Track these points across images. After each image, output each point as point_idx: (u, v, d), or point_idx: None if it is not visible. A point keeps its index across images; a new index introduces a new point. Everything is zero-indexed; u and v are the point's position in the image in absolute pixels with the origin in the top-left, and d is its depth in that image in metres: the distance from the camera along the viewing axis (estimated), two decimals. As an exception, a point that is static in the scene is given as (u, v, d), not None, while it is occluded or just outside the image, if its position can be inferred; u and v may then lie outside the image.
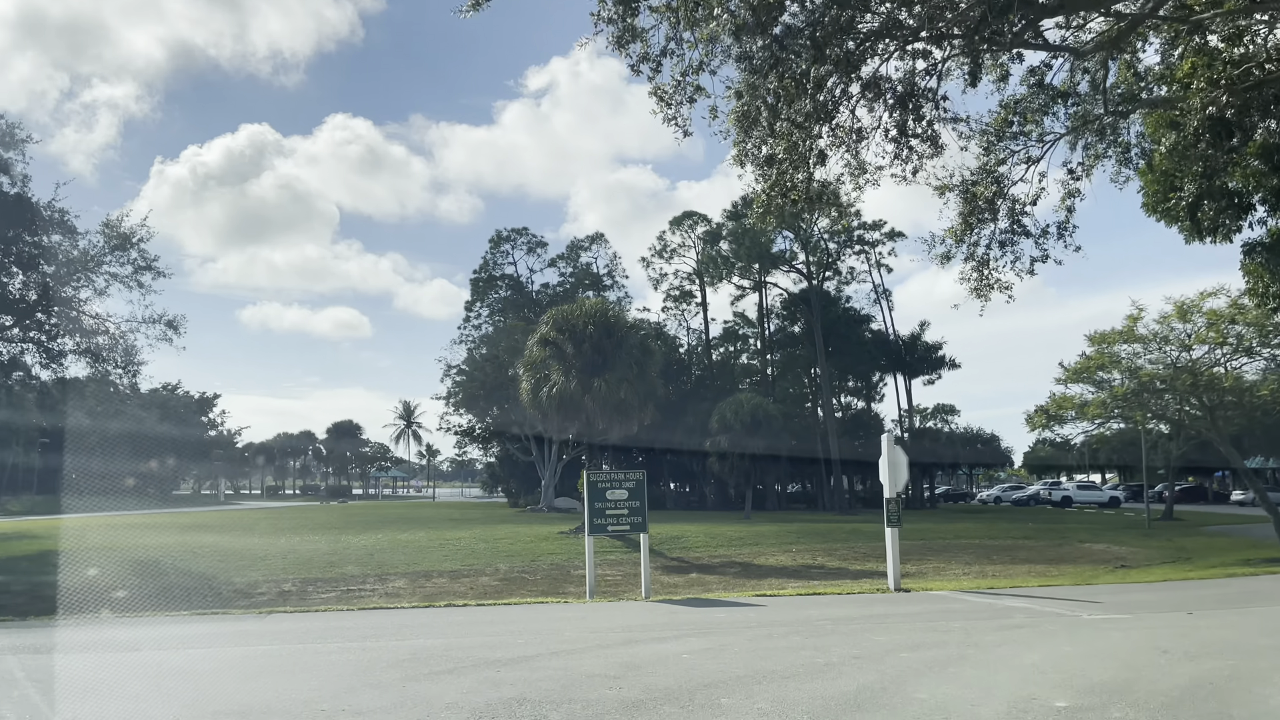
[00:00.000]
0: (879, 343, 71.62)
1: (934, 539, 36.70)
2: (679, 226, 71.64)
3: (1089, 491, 71.62)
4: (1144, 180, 16.60)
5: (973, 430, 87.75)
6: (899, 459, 17.85)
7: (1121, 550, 31.71)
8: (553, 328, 33.59)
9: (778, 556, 31.42)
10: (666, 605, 15.14)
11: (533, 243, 76.40)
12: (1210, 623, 12.45)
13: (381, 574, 26.27)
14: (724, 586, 23.43)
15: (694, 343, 77.35)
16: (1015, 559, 29.80)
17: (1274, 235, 15.00)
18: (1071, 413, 27.68)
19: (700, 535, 37.63)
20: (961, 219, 13.34)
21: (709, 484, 70.20)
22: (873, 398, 74.38)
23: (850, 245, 70.01)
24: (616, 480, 16.93)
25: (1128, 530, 40.41)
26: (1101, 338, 27.48)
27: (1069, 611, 13.67)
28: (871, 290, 73.75)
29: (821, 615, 13.46)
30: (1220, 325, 24.99)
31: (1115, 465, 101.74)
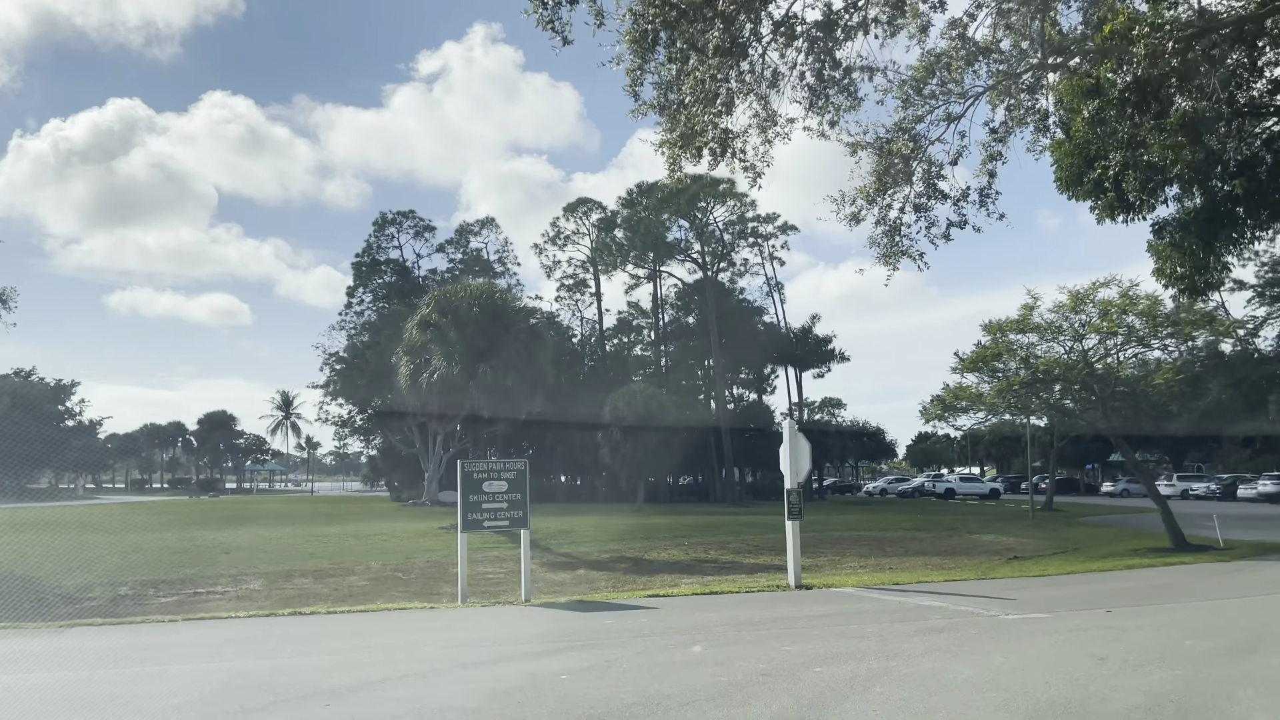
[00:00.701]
0: (771, 335, 71.40)
1: (826, 530, 36.04)
2: (573, 213, 69.84)
3: (971, 484, 73.06)
4: (1057, 155, 15.73)
5: (859, 423, 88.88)
6: (801, 447, 16.60)
7: (1010, 541, 31.52)
8: (435, 309, 31.41)
9: (670, 551, 30.08)
10: (548, 610, 13.45)
11: (420, 226, 73.45)
12: (1134, 623, 11.50)
13: (237, 574, 23.74)
14: (614, 585, 21.86)
15: (587, 332, 75.73)
16: (909, 551, 29.21)
17: (1189, 213, 14.26)
18: (966, 403, 27.20)
19: (590, 529, 36.07)
20: (875, 178, 12.07)
21: (601, 476, 68.75)
22: (764, 390, 74.24)
23: (745, 237, 69.47)
24: (495, 471, 15.14)
25: (1013, 521, 40.65)
26: (997, 326, 27.02)
27: (984, 610, 12.59)
28: (765, 283, 73.54)
29: (721, 619, 12.00)
30: (1112, 315, 24.75)
31: (993, 458, 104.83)
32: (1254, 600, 13.79)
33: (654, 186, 63.33)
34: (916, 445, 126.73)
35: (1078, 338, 25.69)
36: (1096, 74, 13.44)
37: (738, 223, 65.84)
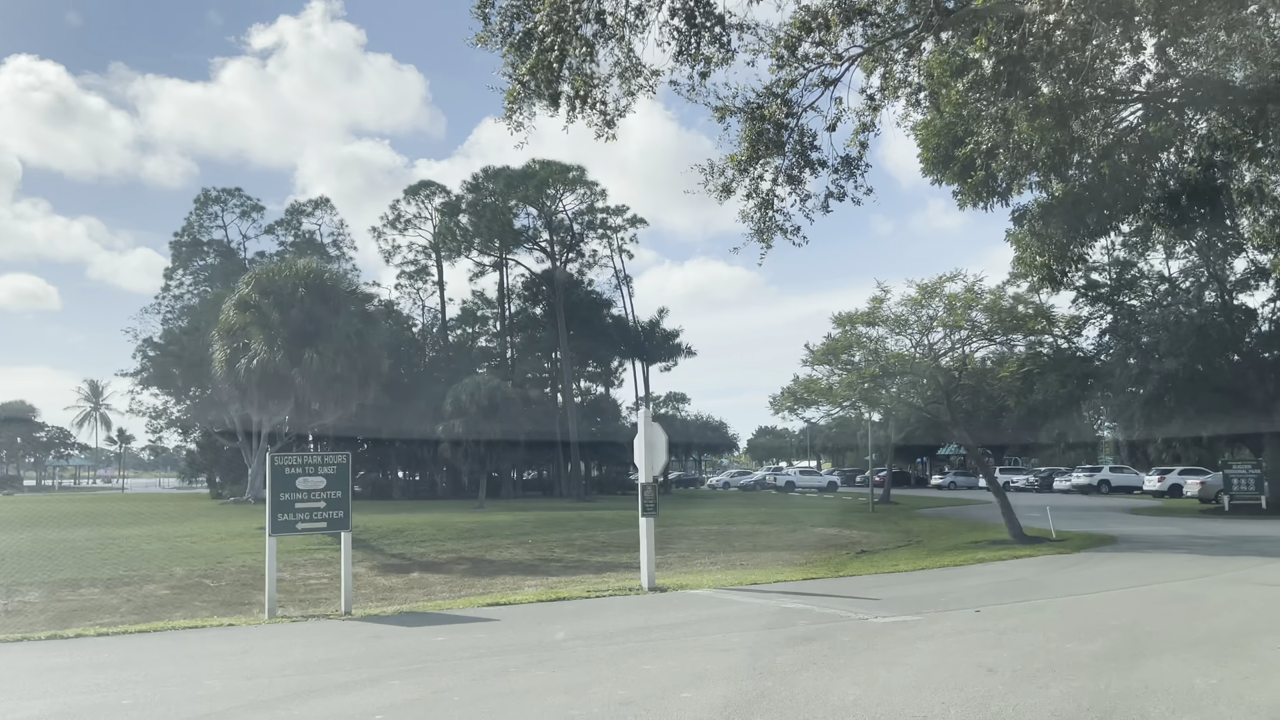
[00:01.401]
0: (619, 328, 70.58)
1: (674, 525, 35.26)
2: (415, 196, 66.74)
3: (810, 477, 74.61)
4: (924, 134, 15.13)
5: (703, 418, 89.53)
6: (657, 438, 15.42)
7: (855, 535, 31.58)
8: (255, 289, 28.54)
9: (512, 550, 28.46)
10: (371, 625, 11.68)
11: (247, 206, 68.58)
12: (1007, 623, 10.85)
13: (12, 584, 20.58)
14: (450, 589, 20.11)
15: (429, 322, 72.77)
16: (757, 545, 28.70)
17: (1054, 197, 13.88)
18: (817, 395, 26.88)
19: (427, 527, 33.96)
20: (748, 144, 10.96)
21: (441, 472, 66.09)
22: (612, 383, 73.42)
23: (594, 228, 68.29)
24: (312, 465, 13.19)
25: (853, 514, 41.15)
26: (847, 319, 26.79)
27: (852, 613, 11.71)
28: (613, 275, 72.62)
29: (570, 632, 10.60)
30: (958, 309, 24.84)
31: (829, 452, 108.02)
32: (1111, 596, 13.52)
33: (501, 171, 61.25)
34: (757, 439, 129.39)
35: (925, 331, 25.70)
36: (964, 52, 12.83)
37: (587, 213, 64.61)
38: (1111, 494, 57.64)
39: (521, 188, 58.99)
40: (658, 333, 72.24)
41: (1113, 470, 60.93)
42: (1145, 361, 34.09)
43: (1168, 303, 35.37)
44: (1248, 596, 13.10)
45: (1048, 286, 15.59)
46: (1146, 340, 34.17)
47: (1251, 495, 35.93)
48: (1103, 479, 58.93)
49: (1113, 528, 29.35)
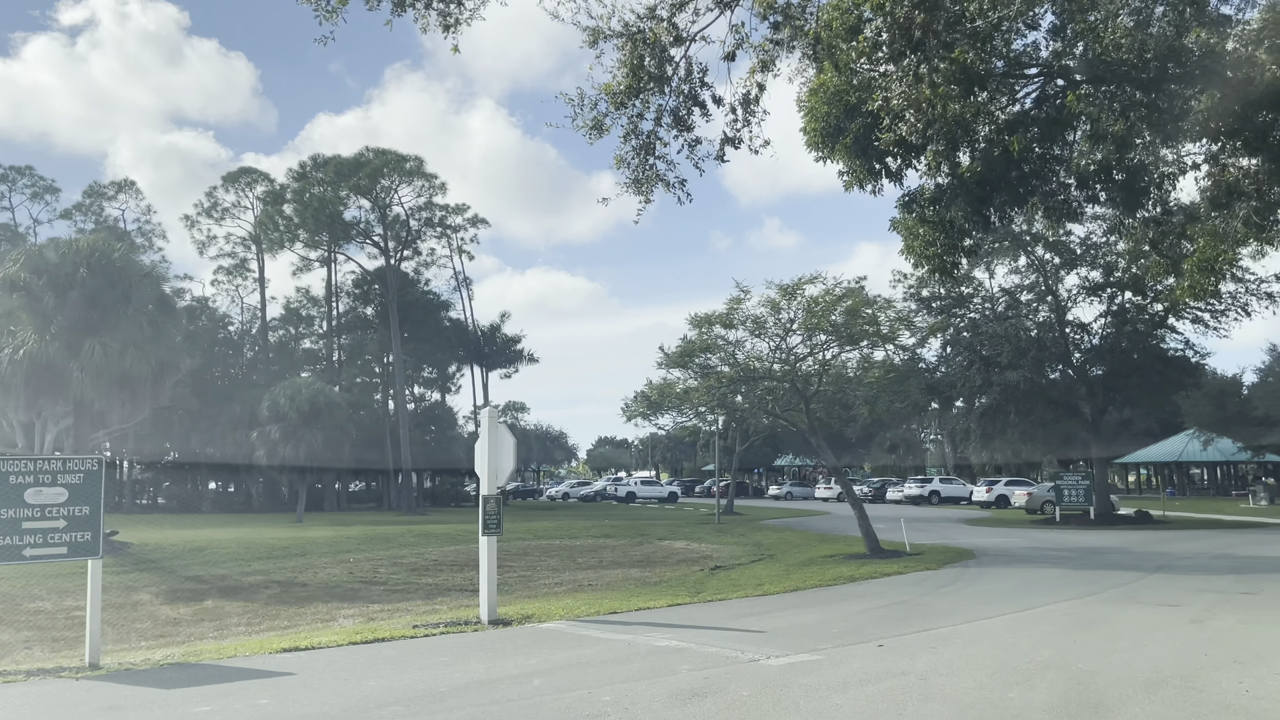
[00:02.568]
0: (458, 332, 67.17)
1: (513, 539, 32.69)
2: (235, 183, 61.19)
3: (651, 487, 73.27)
4: (812, 101, 13.39)
5: (543, 427, 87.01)
6: (504, 441, 13.00)
7: (704, 548, 29.97)
8: (24, 267, 24.01)
9: (331, 570, 25.15)
10: (114, 686, 8.71)
11: (40, 186, 61.22)
12: (921, 663, 9.08)
13: None
14: (249, 621, 16.90)
15: (248, 320, 67.05)
16: (603, 561, 26.56)
17: (959, 174, 12.36)
18: (672, 400, 25.09)
19: (233, 545, 30.05)
20: (629, 73, 8.81)
21: (257, 483, 60.73)
22: (448, 389, 69.80)
23: (432, 225, 64.62)
24: (47, 473, 10.03)
25: (700, 526, 39.73)
26: (704, 320, 25.13)
27: (740, 653, 9.67)
28: (453, 276, 69.17)
29: (387, 691, 8.05)
30: (817, 311, 23.60)
31: (667, 462, 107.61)
32: (1011, 621, 12.09)
33: (331, 160, 56.78)
34: (597, 450, 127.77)
35: (784, 334, 24.33)
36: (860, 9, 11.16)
37: (425, 209, 60.91)
38: (941, 504, 58.93)
39: (353, 177, 54.82)
40: (498, 338, 69.27)
41: (942, 481, 62.48)
42: (988, 373, 34.27)
43: (1011, 316, 35.82)
44: (1154, 621, 11.94)
45: (939, 277, 14.17)
46: (988, 352, 34.38)
47: (1080, 506, 36.73)
48: (933, 489, 60.25)
49: (960, 539, 28.93)
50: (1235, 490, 66.58)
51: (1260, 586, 15.48)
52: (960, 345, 36.31)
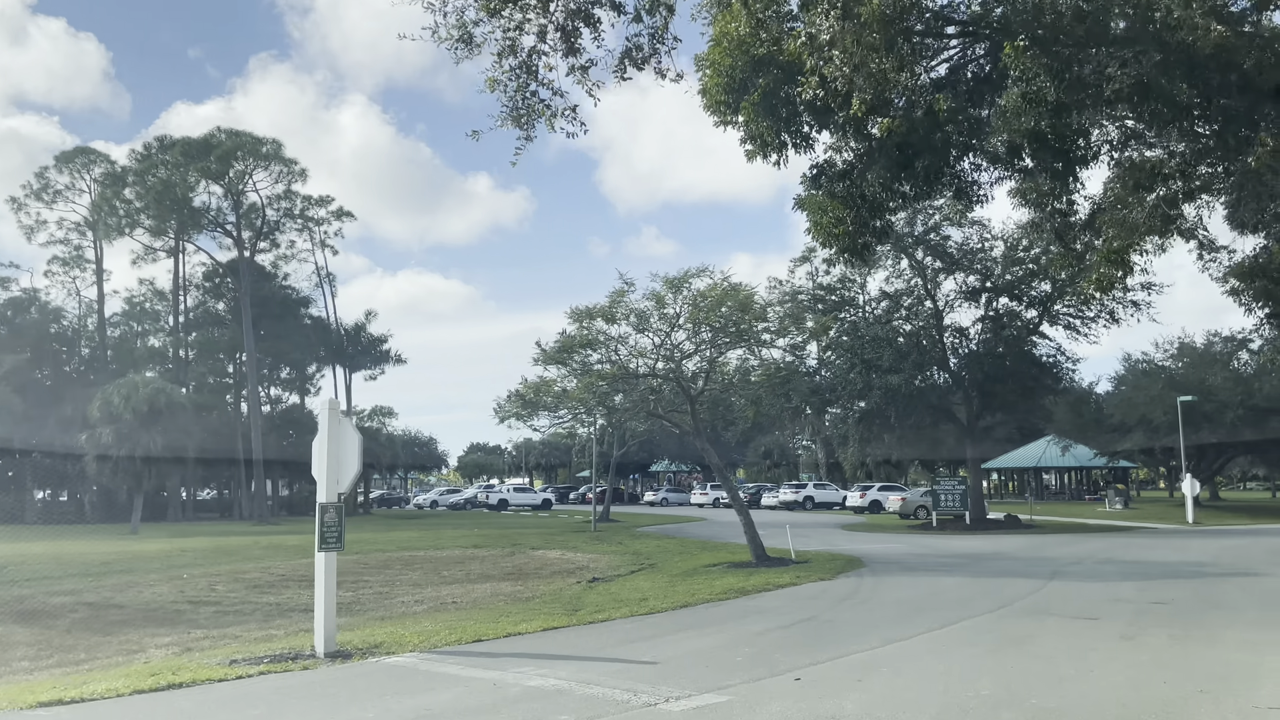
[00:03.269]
0: (320, 331, 63.19)
1: (373, 552, 30.09)
2: (69, 164, 55.70)
3: (524, 494, 70.91)
4: (713, 54, 11.78)
5: (411, 433, 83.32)
6: (347, 439, 10.86)
7: (580, 558, 28.10)
8: None
9: (157, 589, 22.03)
10: None
11: None
12: (849, 704, 7.50)
13: None
14: (36, 654, 14.03)
15: (83, 313, 61.28)
16: (471, 574, 24.35)
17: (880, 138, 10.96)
18: (550, 399, 23.13)
19: (48, 560, 26.46)
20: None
21: (90, 491, 55.37)
22: (308, 391, 65.56)
23: (293, 216, 60.63)
24: None
25: (575, 534, 37.83)
26: (585, 313, 23.30)
27: (631, 694, 7.87)
28: (315, 272, 65.05)
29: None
30: (705, 306, 22.12)
31: (541, 469, 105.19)
32: (931, 642, 10.73)
33: (179, 141, 52.25)
34: (468, 456, 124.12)
35: (670, 329, 22.76)
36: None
37: (284, 198, 56.92)
38: (816, 510, 58.85)
39: (203, 160, 50.50)
40: (363, 337, 65.58)
41: (816, 487, 62.47)
42: (868, 376, 33.73)
43: (892, 319, 35.47)
44: (1083, 639, 10.77)
45: (848, 258, 12.81)
46: (869, 355, 33.85)
47: (956, 510, 36.66)
48: (807, 495, 60.13)
49: (844, 545, 28.05)
50: (1088, 495, 69.25)
51: (1164, 594, 14.73)
52: (841, 348, 35.70)
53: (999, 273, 35.20)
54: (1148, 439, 54.67)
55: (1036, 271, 35.02)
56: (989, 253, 35.61)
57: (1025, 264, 34.98)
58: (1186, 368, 53.78)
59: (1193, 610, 12.84)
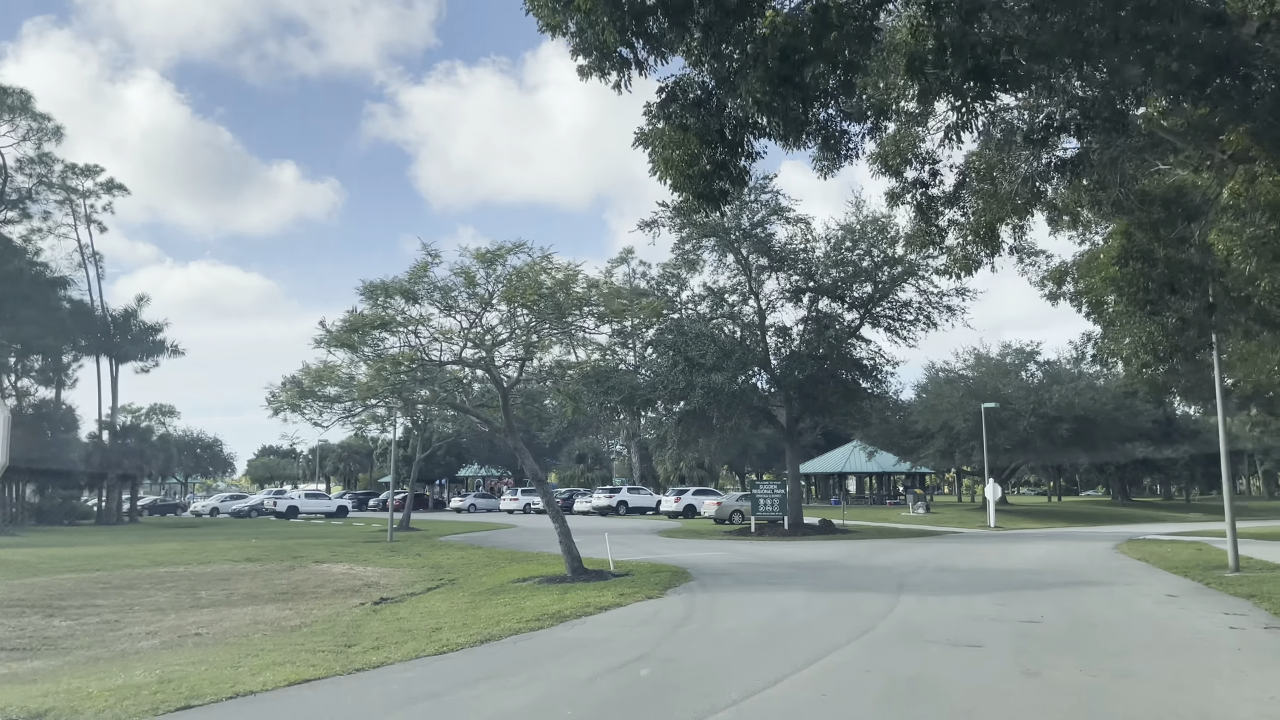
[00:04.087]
0: (81, 316, 55.41)
1: (120, 568, 25.32)
2: None
3: (317, 501, 65.11)
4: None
5: (194, 434, 75.41)
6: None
7: (370, 572, 24.51)
8: None
9: None
10: None
11: None
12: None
13: None
14: None
15: None
16: (235, 594, 20.36)
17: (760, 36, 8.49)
18: (335, 388, 19.51)
19: None
20: None
21: None
22: (64, 384, 57.32)
23: (50, 186, 52.89)
24: None
25: (369, 545, 33.86)
26: (381, 288, 19.87)
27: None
28: (78, 250, 56.96)
29: None
30: (524, 285, 19.22)
31: (340, 474, 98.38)
32: (818, 689, 8.34)
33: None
34: (260, 460, 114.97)
35: (483, 310, 19.75)
36: None
37: (38, 162, 49.38)
38: (630, 515, 56.98)
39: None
40: (134, 325, 58.16)
41: (631, 491, 60.62)
42: (691, 375, 31.87)
43: (718, 315, 33.83)
44: (984, 675, 8.74)
45: (701, 206, 10.34)
46: (693, 353, 31.99)
47: (775, 515, 35.42)
48: (621, 500, 58.15)
49: (664, 553, 25.87)
50: (890, 500, 71.11)
51: (1029, 610, 13.17)
52: (664, 346, 33.67)
53: (820, 274, 34.28)
54: (949, 445, 56.30)
55: (858, 273, 34.35)
56: (811, 253, 34.65)
57: (847, 265, 34.24)
58: (982, 376, 55.79)
59: (1072, 631, 11.21)
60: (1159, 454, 70.38)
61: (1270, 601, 13.28)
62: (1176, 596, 14.46)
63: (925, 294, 34.50)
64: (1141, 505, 75.79)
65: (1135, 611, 12.89)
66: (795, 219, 33.75)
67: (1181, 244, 13.11)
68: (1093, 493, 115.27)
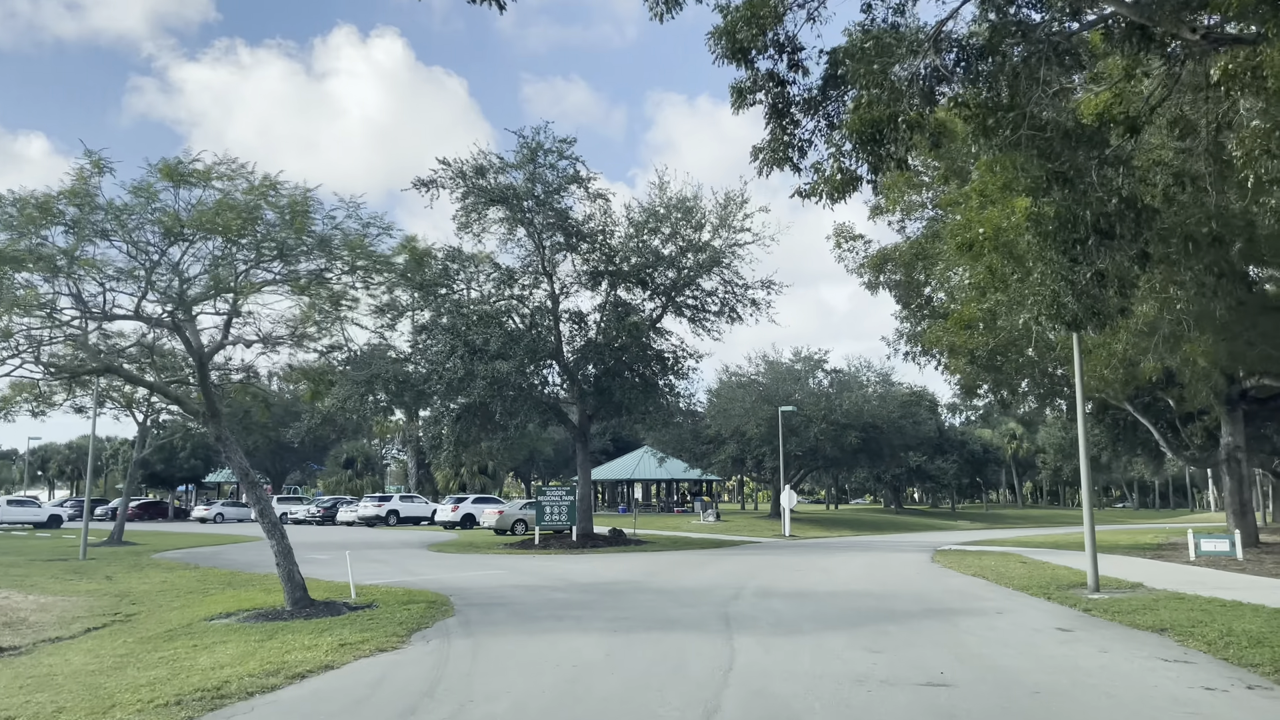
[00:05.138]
0: None
1: None
2: None
3: (23, 509, 54.21)
4: None
5: None
6: None
7: (26, 603, 17.97)
8: None
9: None
10: None
11: None
12: None
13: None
14: None
15: None
16: None
17: None
18: None
19: None
20: None
21: None
22: None
23: None
24: None
25: (52, 564, 26.46)
26: (19, 202, 13.78)
27: None
28: None
29: None
30: (228, 213, 13.79)
31: (68, 477, 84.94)
32: None
33: None
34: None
35: (169, 244, 14.17)
36: None
37: None
38: (402, 525, 50.93)
39: None
40: None
41: (403, 499, 54.44)
42: (472, 364, 27.00)
43: (505, 297, 29.05)
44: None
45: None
46: (474, 338, 27.12)
47: (563, 524, 31.10)
48: (391, 509, 51.88)
49: (428, 573, 20.92)
50: (678, 507, 68.61)
51: (915, 660, 9.46)
52: (440, 330, 28.56)
53: (620, 259, 30.42)
54: (740, 451, 54.18)
55: (660, 260, 30.75)
56: (610, 235, 30.73)
57: (648, 251, 30.57)
58: (774, 382, 54.10)
59: (1006, 703, 7.48)
60: (931, 465, 72.14)
61: (1196, 637, 10.26)
62: (1072, 631, 11.28)
63: (729, 284, 31.45)
64: (913, 513, 77.67)
65: (1048, 658, 9.46)
66: (595, 194, 29.69)
67: (1106, 179, 9.86)
68: (861, 501, 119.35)
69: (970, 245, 15.32)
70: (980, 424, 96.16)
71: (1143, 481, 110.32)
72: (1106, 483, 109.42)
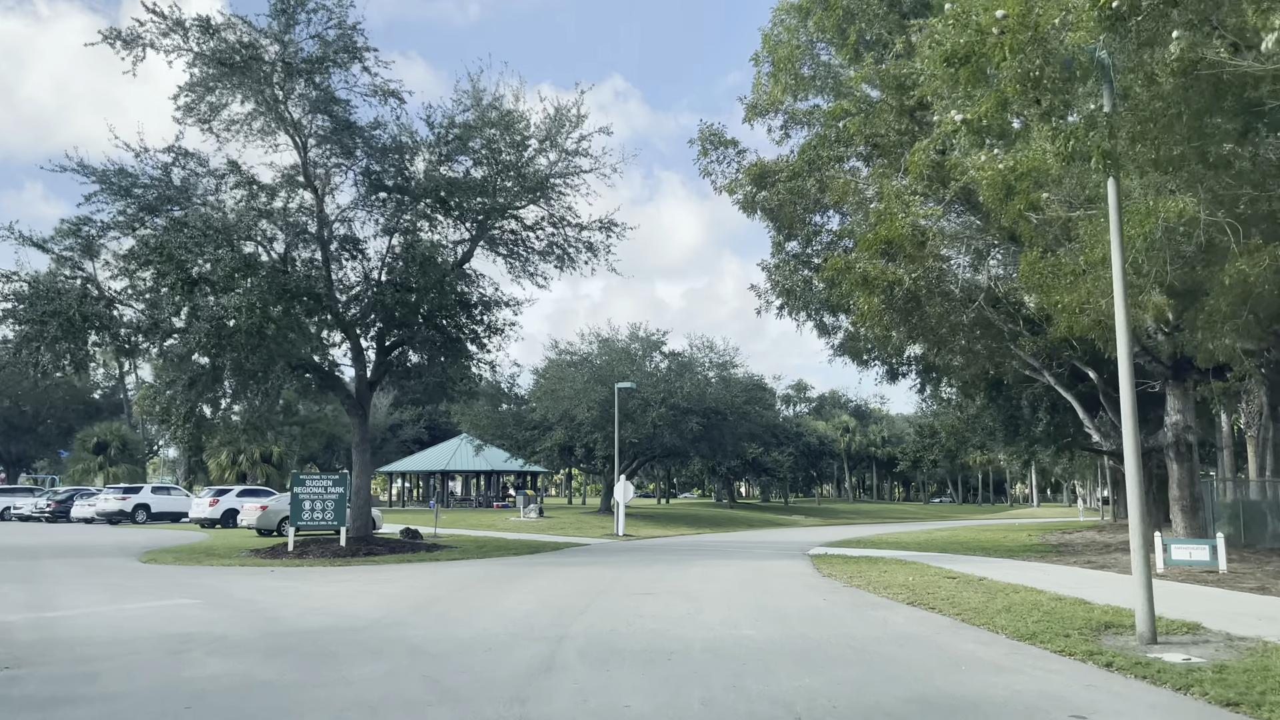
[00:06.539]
0: None
1: None
2: None
3: None
4: None
5: None
6: None
7: None
8: None
9: None
10: None
11: None
12: None
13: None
14: None
15: None
16: None
17: None
18: None
19: None
20: None
21: None
22: None
23: None
24: None
25: None
26: None
27: None
28: None
29: None
30: None
31: None
32: None
33: None
34: None
35: None
36: None
37: None
38: (155, 522, 40.84)
39: None
40: None
41: (155, 491, 44.01)
42: (192, 296, 18.64)
43: (251, 212, 20.58)
44: None
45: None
46: (191, 259, 18.73)
47: (328, 525, 23.04)
48: (140, 504, 41.51)
49: (64, 606, 12.65)
50: (498, 502, 60.77)
51: None
52: (151, 251, 19.85)
53: (422, 176, 22.75)
54: (569, 437, 47.17)
55: (475, 184, 23.24)
56: (403, 152, 22.99)
57: (455, 163, 23.08)
58: (609, 362, 47.43)
59: None
60: (767, 456, 67.66)
61: None
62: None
63: (558, 220, 24.36)
64: (747, 508, 73.07)
65: None
66: (384, 89, 21.79)
67: None
68: (690, 495, 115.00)
69: (967, 55, 8.83)
70: (814, 415, 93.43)
71: (966, 476, 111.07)
72: (943, 477, 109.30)
